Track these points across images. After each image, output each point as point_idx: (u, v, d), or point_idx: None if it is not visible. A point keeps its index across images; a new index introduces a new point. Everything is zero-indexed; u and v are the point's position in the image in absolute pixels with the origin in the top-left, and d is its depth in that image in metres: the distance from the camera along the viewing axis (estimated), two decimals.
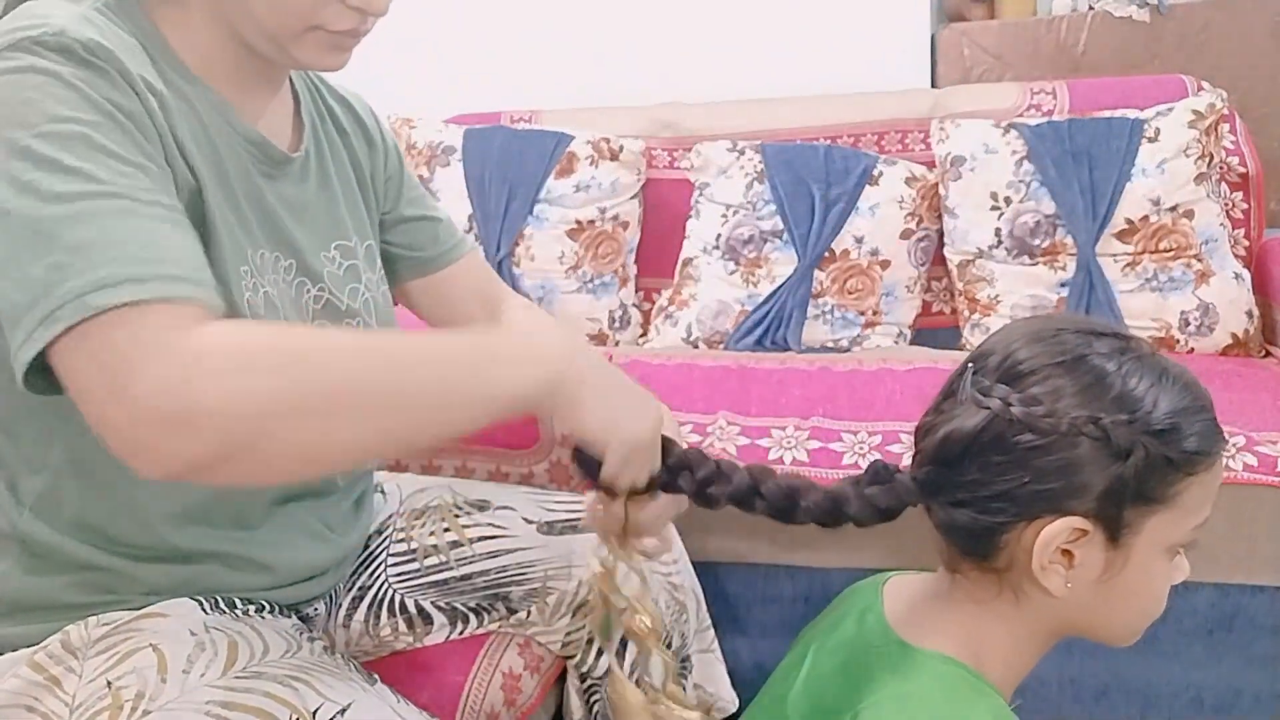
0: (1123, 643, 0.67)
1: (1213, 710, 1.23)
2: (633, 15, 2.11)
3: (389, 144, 0.90)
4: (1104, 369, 0.60)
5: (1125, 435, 0.58)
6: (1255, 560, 1.16)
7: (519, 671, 0.93)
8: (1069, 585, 0.61)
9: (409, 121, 1.82)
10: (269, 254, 0.71)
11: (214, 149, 0.67)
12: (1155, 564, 0.62)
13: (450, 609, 0.89)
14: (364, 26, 0.68)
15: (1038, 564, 0.60)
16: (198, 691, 0.61)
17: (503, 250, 1.71)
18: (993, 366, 0.62)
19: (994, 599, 0.64)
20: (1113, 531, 0.60)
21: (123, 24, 0.63)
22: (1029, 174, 1.57)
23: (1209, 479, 0.61)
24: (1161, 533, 0.61)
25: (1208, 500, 0.63)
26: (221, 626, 0.67)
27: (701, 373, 1.42)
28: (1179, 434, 0.59)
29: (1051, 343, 0.61)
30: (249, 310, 0.66)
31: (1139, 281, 1.52)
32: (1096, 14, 1.99)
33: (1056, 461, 0.58)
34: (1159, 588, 0.64)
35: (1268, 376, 1.34)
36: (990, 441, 0.60)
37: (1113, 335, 0.63)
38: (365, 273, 0.81)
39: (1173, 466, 0.59)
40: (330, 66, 0.70)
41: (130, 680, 0.61)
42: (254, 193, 0.70)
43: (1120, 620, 0.65)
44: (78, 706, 0.61)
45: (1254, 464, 1.14)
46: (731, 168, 1.72)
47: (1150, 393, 0.59)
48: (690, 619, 0.95)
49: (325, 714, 0.62)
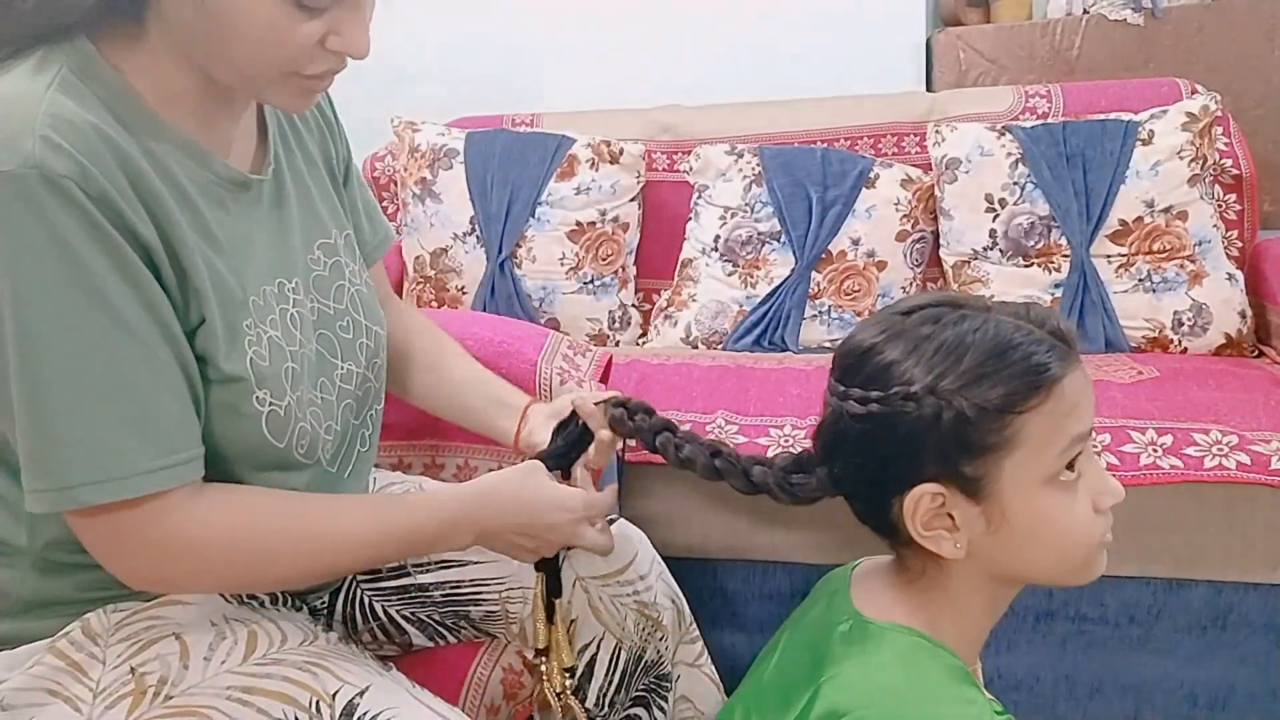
0: (1077, 579, 0.66)
1: (1206, 707, 1.24)
2: (633, 20, 2.13)
3: (339, 122, 0.88)
4: (917, 337, 0.61)
5: (931, 402, 0.59)
6: (1248, 558, 1.17)
7: (519, 668, 0.94)
8: (959, 546, 0.62)
9: (412, 124, 1.83)
10: (271, 289, 0.71)
11: (197, 207, 0.66)
12: (1042, 498, 0.61)
13: (419, 621, 0.89)
14: (340, 67, 0.67)
15: (916, 534, 0.62)
16: (220, 677, 0.63)
17: (504, 252, 1.73)
18: (836, 369, 0.66)
19: (922, 573, 0.67)
20: (968, 488, 0.61)
21: (89, 89, 0.61)
22: (1024, 176, 1.58)
23: (1051, 407, 0.60)
24: (1024, 470, 0.60)
25: (1067, 422, 0.61)
26: (240, 617, 0.68)
27: (700, 373, 1.44)
28: (987, 381, 0.59)
29: (870, 327, 0.64)
30: (252, 371, 0.66)
31: (1133, 282, 1.53)
32: (1091, 17, 2.00)
33: (886, 438, 0.61)
34: (1067, 518, 0.62)
35: (1261, 376, 1.35)
36: (839, 436, 0.65)
37: (930, 305, 0.64)
38: (348, 265, 0.82)
39: (991, 415, 0.59)
40: (298, 109, 0.72)
41: (154, 666, 0.63)
42: (243, 230, 0.70)
43: (1044, 559, 0.64)
44: (102, 691, 0.62)
45: (1247, 462, 1.15)
46: (730, 170, 1.73)
47: (954, 351, 0.60)
48: (668, 636, 0.93)
49: (345, 696, 0.63)
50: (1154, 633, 1.22)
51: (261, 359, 0.67)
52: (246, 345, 0.67)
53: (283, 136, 0.78)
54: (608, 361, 1.29)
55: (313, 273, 0.77)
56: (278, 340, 0.70)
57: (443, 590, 0.88)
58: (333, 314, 0.78)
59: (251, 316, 0.68)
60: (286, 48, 0.62)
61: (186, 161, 0.66)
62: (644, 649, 0.91)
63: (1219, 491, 1.15)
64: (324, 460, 0.75)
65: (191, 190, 0.66)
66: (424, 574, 0.88)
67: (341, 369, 0.77)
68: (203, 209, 0.67)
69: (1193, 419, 1.21)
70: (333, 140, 0.85)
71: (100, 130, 0.59)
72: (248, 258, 0.70)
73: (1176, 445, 1.18)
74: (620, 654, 0.89)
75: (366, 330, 0.81)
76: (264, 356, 0.68)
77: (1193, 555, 1.18)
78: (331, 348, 0.77)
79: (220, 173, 0.69)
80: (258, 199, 0.73)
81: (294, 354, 0.71)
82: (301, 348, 0.73)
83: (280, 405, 0.68)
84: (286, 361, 0.70)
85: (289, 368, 0.70)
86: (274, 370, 0.68)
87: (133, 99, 0.63)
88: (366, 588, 0.88)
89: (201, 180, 0.67)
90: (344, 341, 0.79)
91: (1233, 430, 1.18)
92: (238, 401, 0.66)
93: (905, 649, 0.64)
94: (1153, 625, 1.22)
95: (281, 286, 0.72)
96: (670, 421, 0.79)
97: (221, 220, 0.68)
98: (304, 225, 0.77)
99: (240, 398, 0.66)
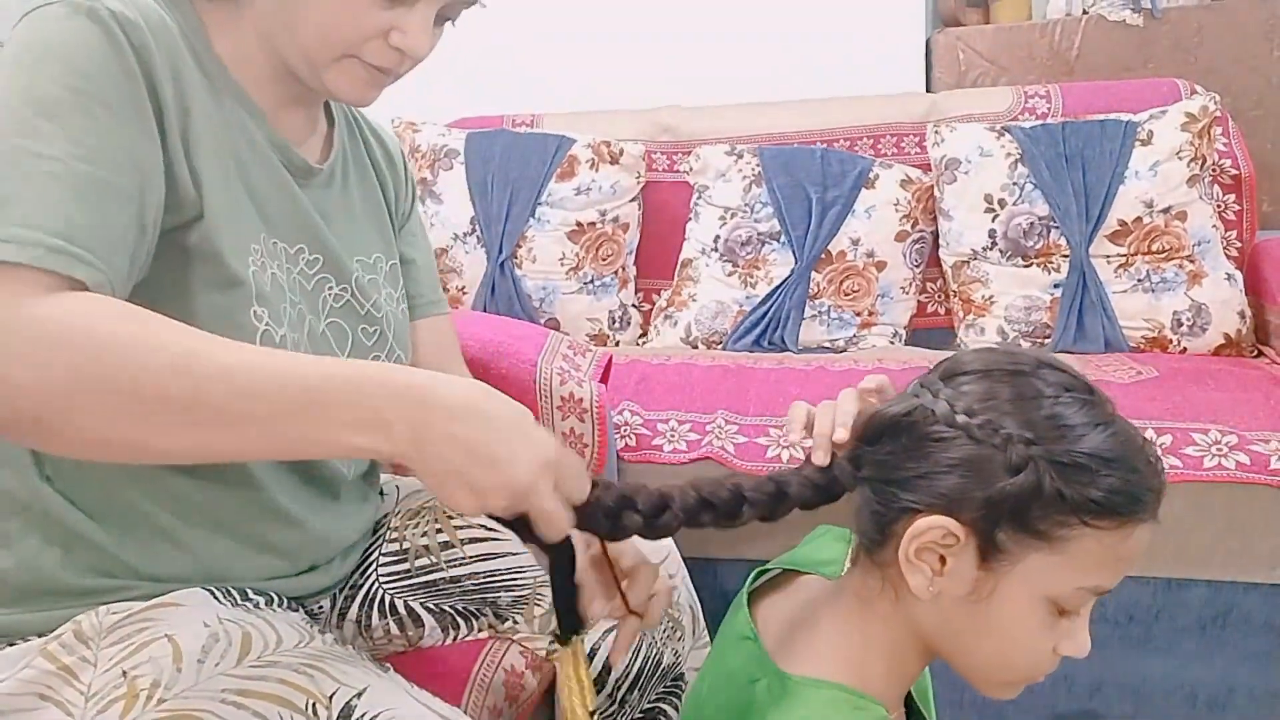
0: (988, 690, 0.64)
1: (1206, 707, 1.24)
2: (633, 21, 2.13)
3: (411, 180, 0.93)
4: (1039, 391, 0.59)
5: (1023, 453, 0.56)
6: (1248, 558, 1.17)
7: (521, 669, 0.94)
8: (932, 589, 0.60)
9: (413, 125, 1.83)
10: (288, 246, 0.72)
11: (233, 141, 0.68)
12: (1029, 609, 0.59)
13: (439, 611, 0.89)
14: (400, 68, 0.70)
15: (903, 554, 0.59)
16: (214, 680, 0.62)
17: (504, 252, 1.73)
18: (944, 366, 0.63)
19: (877, 597, 0.63)
20: (986, 548, 0.58)
21: (170, 14, 0.65)
22: (1023, 176, 1.58)
23: (1112, 542, 0.57)
24: (1041, 575, 0.58)
25: (1107, 566, 0.58)
26: (235, 619, 0.68)
27: (700, 372, 1.44)
28: (1087, 476, 0.56)
29: (1003, 356, 0.62)
30: (254, 282, 0.67)
31: (1132, 282, 1.54)
32: (1090, 18, 2.01)
33: (955, 459, 0.58)
34: (1032, 640, 0.60)
35: (1260, 376, 1.35)
36: (908, 426, 0.60)
37: (1069, 375, 0.61)
38: (386, 288, 0.83)
39: (1066, 505, 0.56)
40: (358, 100, 0.72)
41: (146, 669, 0.62)
42: (281, 188, 0.72)
43: (984, 657, 0.62)
44: (94, 695, 0.62)
45: (1246, 462, 1.15)
46: (730, 171, 1.73)
47: (1074, 429, 0.57)
48: (685, 636, 0.94)
49: (341, 698, 0.63)
50: (1154, 632, 1.22)
51: (263, 280, 0.68)
52: (249, 260, 0.67)
53: (344, 159, 0.81)
54: (608, 361, 1.29)
55: (355, 272, 0.78)
56: (280, 279, 0.70)
57: (476, 579, 0.88)
58: (363, 314, 0.79)
59: (261, 246, 0.69)
60: (353, 29, 0.66)
61: (239, 113, 0.69)
62: (663, 651, 0.91)
63: (1219, 491, 1.16)
64: None
65: (234, 128, 0.68)
66: (456, 567, 0.88)
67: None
68: (240, 145, 0.68)
69: (1192, 419, 1.21)
70: (396, 187, 0.89)
71: (165, 23, 0.63)
72: (281, 213, 0.72)
73: (1176, 445, 1.18)
74: (643, 646, 0.90)
75: (390, 349, 0.82)
76: (265, 280, 0.68)
77: (1193, 555, 1.19)
78: (342, 339, 0.77)
79: (271, 137, 0.71)
80: (308, 183, 0.75)
81: (294, 304, 0.72)
82: (306, 310, 0.73)
83: (276, 331, 0.68)
84: (284, 302, 0.70)
85: (287, 309, 0.70)
86: (274, 295, 0.69)
87: (204, 40, 0.67)
88: (389, 586, 0.88)
89: (250, 131, 0.70)
90: (359, 342, 0.79)
91: (1232, 430, 1.18)
92: (235, 308, 0.65)
93: (828, 708, 0.61)
94: (1153, 625, 1.22)
95: (300, 253, 0.73)
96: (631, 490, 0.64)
97: (264, 170, 0.71)
98: (347, 232, 0.79)
99: (238, 305, 0.65)
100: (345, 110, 0.84)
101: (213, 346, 0.55)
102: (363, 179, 0.84)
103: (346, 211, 0.81)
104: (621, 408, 1.34)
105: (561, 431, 1.19)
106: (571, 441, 1.19)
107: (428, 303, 0.93)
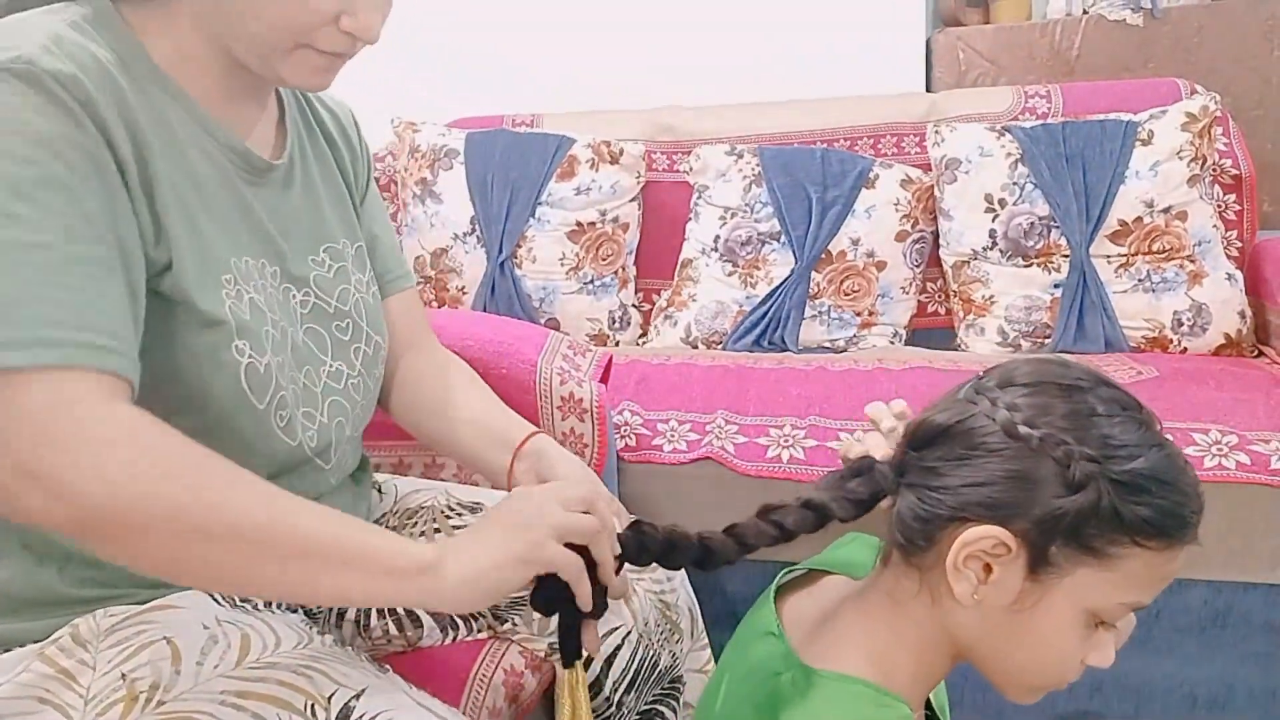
0: (1014, 695, 0.65)
1: (1206, 707, 1.24)
2: (633, 20, 2.13)
3: (366, 152, 0.91)
4: (1096, 408, 0.59)
5: (1085, 470, 0.56)
6: (1248, 558, 1.17)
7: (520, 669, 0.94)
8: (976, 597, 0.60)
9: (412, 125, 1.83)
10: (254, 260, 0.71)
11: (189, 161, 0.67)
12: (1071, 621, 0.60)
13: (436, 612, 0.88)
14: (352, 51, 0.68)
15: (952, 561, 0.59)
16: (212, 682, 0.62)
17: (504, 252, 1.73)
18: (997, 374, 0.63)
19: (911, 599, 0.63)
20: (1036, 561, 0.58)
21: (100, 37, 0.63)
22: (1023, 176, 1.58)
23: (1158, 562, 0.58)
24: (1087, 589, 0.58)
25: (1149, 584, 0.59)
26: (233, 620, 0.68)
27: (700, 372, 1.44)
28: (1142, 495, 0.57)
29: (1058, 368, 0.62)
30: (232, 317, 0.66)
31: (1132, 282, 1.54)
32: (1090, 18, 2.01)
33: (1012, 471, 0.58)
34: (1067, 650, 0.61)
35: (1260, 376, 1.35)
36: (962, 434, 0.60)
37: (1124, 394, 0.61)
38: (355, 274, 0.82)
39: (1120, 523, 0.57)
40: (314, 87, 0.71)
41: (145, 672, 0.62)
42: (239, 200, 0.71)
43: (1016, 664, 0.62)
44: (92, 698, 0.62)
45: (1246, 462, 1.15)
46: (730, 170, 1.73)
47: (1132, 448, 0.57)
48: (683, 639, 0.94)
49: (340, 699, 0.63)
50: (1154, 633, 1.22)
51: (240, 310, 0.68)
52: (224, 295, 0.67)
53: (300, 144, 0.80)
54: (608, 361, 1.29)
55: (314, 271, 0.77)
56: (259, 303, 0.70)
57: None
58: (332, 311, 0.78)
59: (233, 273, 0.68)
60: (302, 15, 0.64)
61: (192, 128, 0.68)
62: (660, 653, 0.91)
63: (1219, 491, 1.15)
64: (307, 446, 0.74)
65: (187, 144, 0.67)
66: None
67: (330, 366, 0.78)
68: (196, 162, 0.68)
69: (1192, 419, 1.21)
70: (353, 162, 0.88)
71: (99, 60, 0.61)
72: (244, 227, 0.71)
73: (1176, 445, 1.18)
74: (639, 649, 0.89)
75: (366, 337, 0.82)
76: (243, 310, 0.68)
77: (1193, 555, 1.17)
78: (321, 343, 0.77)
79: (225, 141, 0.70)
80: (265, 183, 0.74)
81: (275, 323, 0.71)
82: (286, 325, 0.73)
83: (260, 361, 0.68)
84: (266, 325, 0.70)
85: (269, 331, 0.70)
86: (254, 325, 0.68)
87: (141, 54, 0.65)
88: None
89: (202, 142, 0.68)
90: (337, 341, 0.79)
91: (1232, 430, 1.18)
92: (218, 347, 0.66)
93: (852, 702, 0.61)
94: (1153, 625, 1.22)
95: (264, 267, 0.73)
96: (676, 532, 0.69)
97: (224, 183, 0.70)
98: (308, 226, 0.78)
99: (220, 343, 0.66)
100: (294, 91, 0.83)
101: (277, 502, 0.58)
102: (322, 163, 0.83)
103: (310, 205, 0.79)
104: (621, 408, 1.34)
105: (561, 431, 1.19)
106: (571, 441, 1.19)
107: (395, 278, 0.92)
